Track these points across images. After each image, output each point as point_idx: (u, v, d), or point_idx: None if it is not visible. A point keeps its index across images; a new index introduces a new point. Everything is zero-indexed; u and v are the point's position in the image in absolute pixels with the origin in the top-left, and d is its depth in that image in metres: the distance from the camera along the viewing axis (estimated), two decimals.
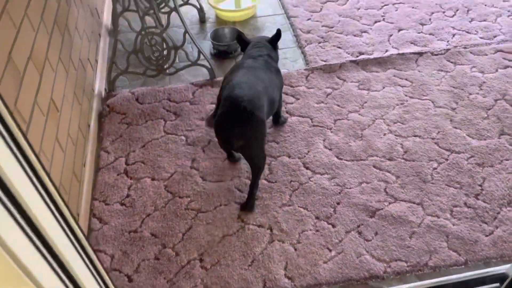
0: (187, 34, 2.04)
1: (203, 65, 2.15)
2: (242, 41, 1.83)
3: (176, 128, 1.96)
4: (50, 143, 1.40)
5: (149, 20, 1.98)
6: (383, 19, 2.49)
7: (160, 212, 1.64)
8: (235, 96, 1.51)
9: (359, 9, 2.58)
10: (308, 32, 2.45)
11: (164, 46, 2.02)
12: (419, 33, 2.39)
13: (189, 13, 2.66)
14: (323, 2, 2.64)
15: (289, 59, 2.32)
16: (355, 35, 2.40)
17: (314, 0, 2.66)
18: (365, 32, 2.42)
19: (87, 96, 1.93)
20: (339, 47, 2.34)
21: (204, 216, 1.62)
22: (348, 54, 2.29)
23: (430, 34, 2.37)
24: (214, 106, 2.04)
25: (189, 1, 2.54)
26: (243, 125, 1.51)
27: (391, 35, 2.39)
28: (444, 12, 2.52)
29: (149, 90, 2.14)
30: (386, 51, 2.29)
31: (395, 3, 2.60)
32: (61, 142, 1.50)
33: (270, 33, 2.48)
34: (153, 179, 1.75)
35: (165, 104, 2.07)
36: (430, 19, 2.47)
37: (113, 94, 2.12)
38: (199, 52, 2.08)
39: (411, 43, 2.33)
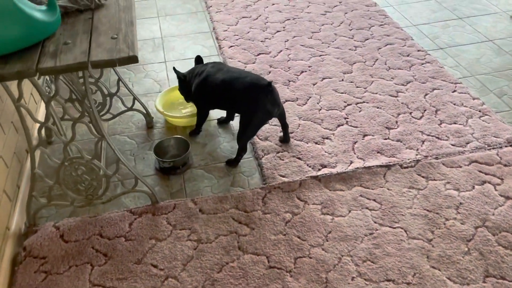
0: (125, 159, 1.76)
1: (142, 191, 1.86)
2: (176, 72, 2.17)
3: (105, 277, 1.63)
4: None
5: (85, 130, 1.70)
6: (347, 122, 2.29)
7: None
8: (254, 81, 1.92)
9: (320, 109, 2.37)
10: (266, 139, 2.21)
11: (94, 175, 1.73)
12: (385, 139, 2.18)
13: (135, 117, 2.40)
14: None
15: (244, 174, 2.06)
16: (316, 143, 2.17)
17: None
18: (327, 138, 2.20)
19: None
20: (299, 158, 2.10)
21: None
22: (309, 167, 2.05)
23: (398, 140, 2.16)
24: (153, 241, 1.74)
25: (133, 107, 2.29)
26: (275, 96, 1.95)
27: (355, 142, 2.17)
28: (411, 112, 2.33)
29: (78, 223, 1.82)
30: (351, 163, 2.06)
31: (358, 103, 2.41)
32: None
33: (224, 138, 2.25)
34: None
35: (94, 241, 1.75)
36: (396, 122, 2.28)
37: (34, 229, 1.80)
38: (136, 179, 1.80)
39: (378, 152, 2.11)
